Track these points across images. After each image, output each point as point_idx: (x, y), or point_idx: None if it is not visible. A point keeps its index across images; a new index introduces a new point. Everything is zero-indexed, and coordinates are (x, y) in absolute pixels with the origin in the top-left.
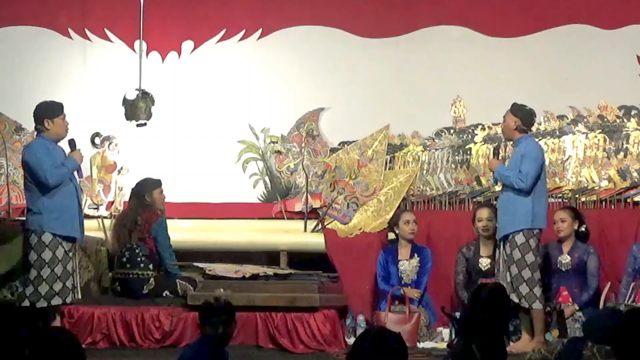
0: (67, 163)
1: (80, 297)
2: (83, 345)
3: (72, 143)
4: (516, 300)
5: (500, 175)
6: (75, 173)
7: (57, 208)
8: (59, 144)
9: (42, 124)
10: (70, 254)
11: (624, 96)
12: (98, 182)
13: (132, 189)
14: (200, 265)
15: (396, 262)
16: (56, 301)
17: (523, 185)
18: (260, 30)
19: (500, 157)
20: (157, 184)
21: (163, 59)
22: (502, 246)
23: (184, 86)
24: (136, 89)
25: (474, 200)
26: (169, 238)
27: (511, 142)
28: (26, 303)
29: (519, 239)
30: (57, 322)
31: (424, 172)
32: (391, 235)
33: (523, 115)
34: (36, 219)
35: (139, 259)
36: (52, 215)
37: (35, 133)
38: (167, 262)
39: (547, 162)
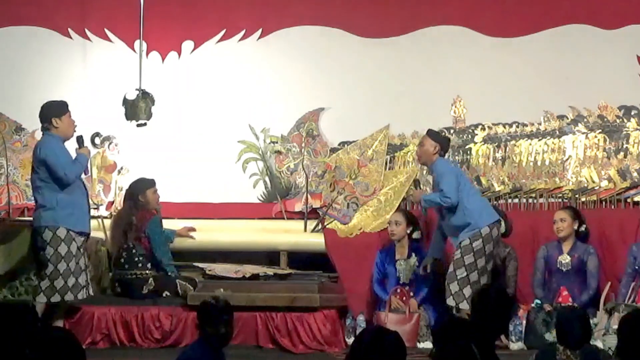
0: (79, 159)
1: (92, 294)
2: (83, 345)
3: (80, 140)
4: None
5: (426, 202)
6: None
7: (70, 204)
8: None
9: (50, 122)
10: (82, 249)
11: (624, 96)
12: (98, 182)
13: (126, 190)
14: (200, 265)
15: (394, 262)
16: (69, 297)
17: (450, 201)
18: (260, 30)
19: (420, 187)
20: (150, 183)
21: (163, 59)
22: None
23: (184, 86)
24: (136, 89)
25: None
26: (164, 236)
27: (426, 168)
28: (42, 298)
29: (464, 242)
30: (59, 322)
31: (424, 172)
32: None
33: (442, 142)
34: (50, 215)
35: (136, 259)
36: (65, 210)
37: (42, 133)
38: (164, 262)
39: (547, 162)
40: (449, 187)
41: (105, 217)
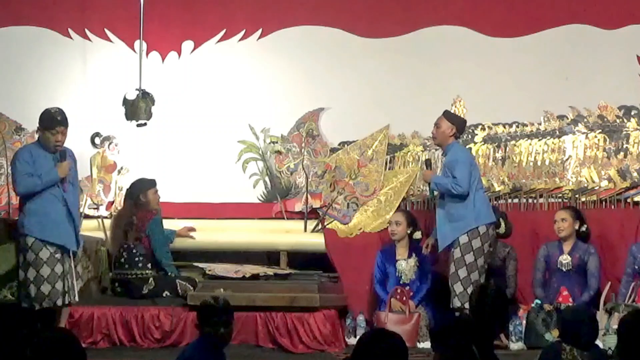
0: (44, 175)
1: (77, 299)
2: (83, 345)
3: (62, 154)
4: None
5: (436, 184)
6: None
7: (37, 212)
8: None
9: (37, 130)
10: (58, 256)
11: (624, 96)
12: (98, 182)
13: (127, 190)
14: (200, 265)
15: (394, 262)
16: (47, 304)
17: (461, 190)
18: (260, 31)
19: (432, 168)
20: (151, 184)
21: (163, 59)
22: (451, 250)
23: (184, 86)
24: (136, 89)
25: None
26: (165, 237)
27: (441, 150)
28: (25, 304)
29: (463, 239)
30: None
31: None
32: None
33: (459, 123)
34: (20, 221)
35: (136, 259)
36: (33, 218)
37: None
38: (163, 262)
39: (547, 162)
40: (463, 176)
41: (105, 217)
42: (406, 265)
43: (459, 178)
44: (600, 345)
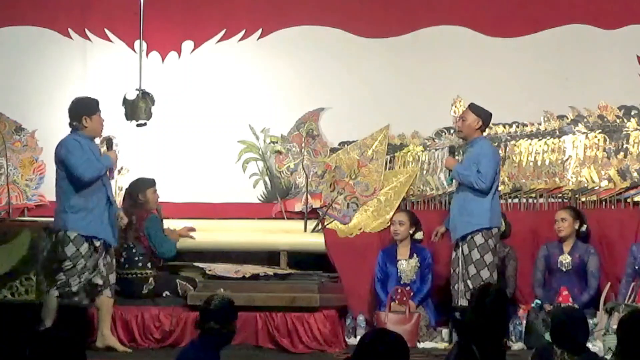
0: (103, 160)
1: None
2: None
3: (109, 142)
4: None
5: (459, 174)
6: (108, 173)
7: (83, 208)
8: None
9: (79, 120)
10: (94, 252)
11: (624, 96)
12: None
13: (126, 189)
14: (200, 265)
15: (395, 262)
16: (68, 301)
17: (483, 185)
18: (260, 31)
19: (456, 157)
20: (150, 183)
21: (163, 59)
22: (460, 246)
23: (184, 86)
24: (136, 89)
25: None
26: (163, 232)
27: (465, 142)
28: (55, 292)
29: (478, 239)
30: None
31: (424, 172)
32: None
33: (485, 117)
34: (62, 218)
35: (136, 259)
36: (77, 215)
37: (70, 130)
38: (166, 255)
39: (547, 162)
40: (488, 172)
41: None
42: (407, 265)
43: (484, 172)
44: (601, 345)
